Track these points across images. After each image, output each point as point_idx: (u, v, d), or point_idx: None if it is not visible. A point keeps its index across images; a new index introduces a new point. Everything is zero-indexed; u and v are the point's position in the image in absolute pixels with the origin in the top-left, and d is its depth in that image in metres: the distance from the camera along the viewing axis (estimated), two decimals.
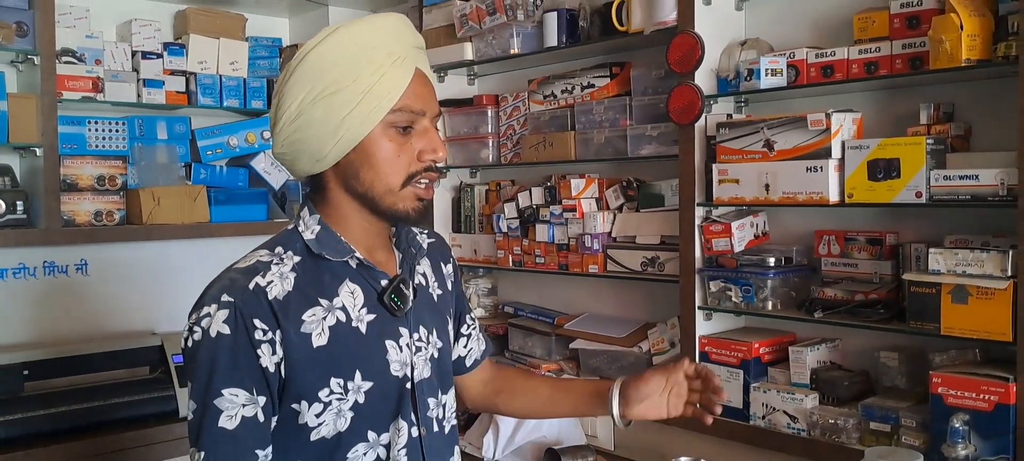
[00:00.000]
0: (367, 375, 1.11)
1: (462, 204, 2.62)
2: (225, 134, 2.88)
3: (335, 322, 1.10)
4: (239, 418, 1.05)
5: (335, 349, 1.09)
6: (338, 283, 1.12)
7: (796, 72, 1.80)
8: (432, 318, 1.22)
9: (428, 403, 1.17)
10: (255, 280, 1.08)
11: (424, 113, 1.11)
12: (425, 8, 2.52)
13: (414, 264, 1.21)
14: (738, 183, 1.84)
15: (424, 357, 1.18)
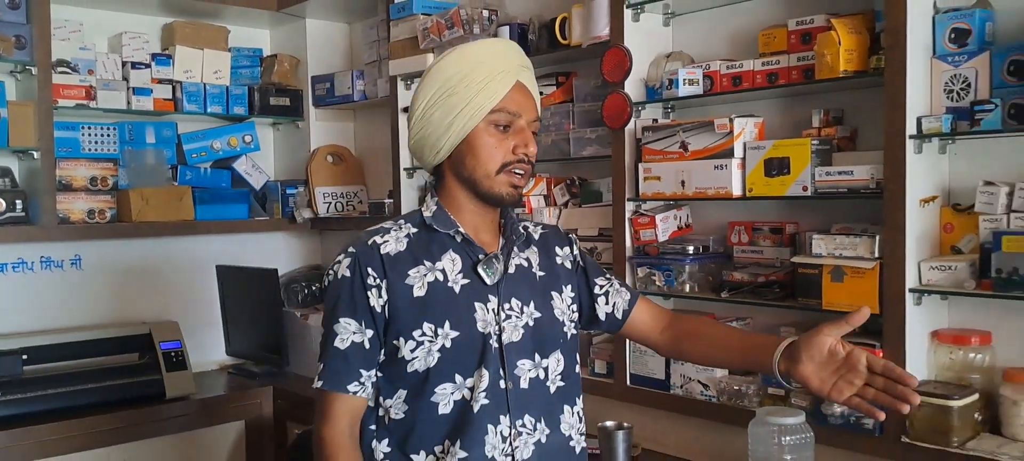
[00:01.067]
0: (454, 325, 1.36)
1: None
2: (209, 138, 3.16)
3: (434, 279, 1.37)
4: (349, 341, 1.35)
5: (430, 300, 1.36)
6: (443, 251, 1.39)
7: (711, 82, 2.08)
8: (530, 293, 1.44)
9: (516, 363, 1.39)
10: (374, 239, 1.38)
11: (520, 115, 1.37)
12: (392, 22, 2.80)
13: (514, 248, 1.44)
14: (660, 180, 2.11)
15: (514, 324, 1.40)
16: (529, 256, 1.48)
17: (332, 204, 3.25)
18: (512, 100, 1.37)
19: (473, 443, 1.35)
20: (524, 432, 1.39)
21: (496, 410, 1.37)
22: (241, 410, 2.93)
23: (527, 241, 1.49)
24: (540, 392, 1.42)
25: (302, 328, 3.09)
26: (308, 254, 3.49)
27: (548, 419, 1.42)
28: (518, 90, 1.38)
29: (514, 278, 1.43)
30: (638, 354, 2.21)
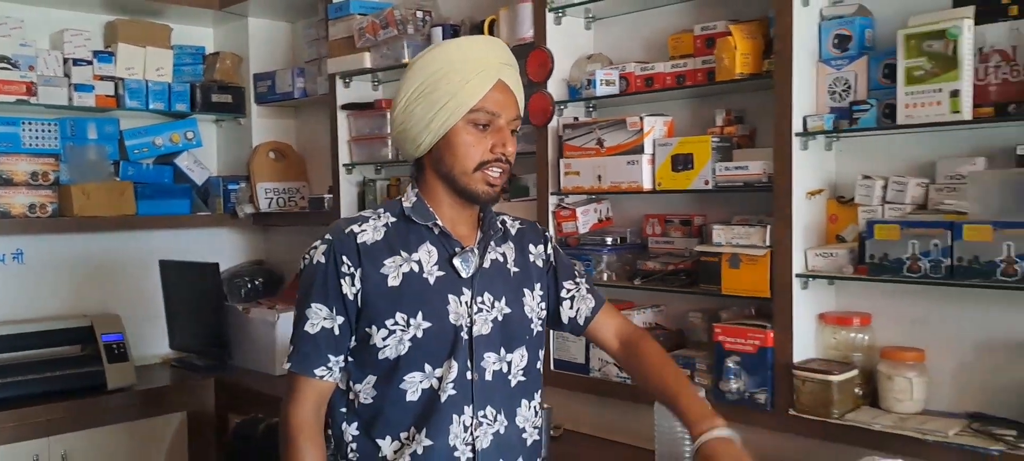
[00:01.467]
0: (427, 316, 1.40)
1: (366, 197, 3.02)
2: (151, 135, 3.24)
3: (409, 270, 1.41)
4: (319, 327, 1.41)
5: (405, 290, 1.41)
6: (420, 242, 1.43)
7: (626, 83, 2.23)
8: (503, 288, 1.48)
9: (484, 355, 1.44)
10: (351, 228, 1.43)
11: (499, 115, 1.40)
12: (330, 22, 2.91)
13: (490, 243, 1.48)
14: (579, 175, 2.26)
15: (485, 317, 1.44)
16: (505, 251, 1.53)
17: (274, 200, 3.35)
18: (492, 99, 1.40)
19: (438, 431, 1.41)
20: (485, 423, 1.44)
21: (461, 400, 1.42)
22: (182, 401, 3.03)
23: (504, 236, 1.54)
24: (501, 385, 1.47)
25: (245, 322, 3.19)
26: (250, 249, 3.59)
27: (506, 411, 1.47)
28: (499, 89, 1.41)
29: (489, 273, 1.47)
30: (561, 340, 2.36)
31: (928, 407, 1.82)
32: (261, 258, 3.59)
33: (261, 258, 3.59)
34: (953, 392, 1.82)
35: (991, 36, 1.66)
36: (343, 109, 2.98)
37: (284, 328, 3.08)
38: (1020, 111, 1.61)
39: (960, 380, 1.81)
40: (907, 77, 1.71)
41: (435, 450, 1.41)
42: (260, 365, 3.13)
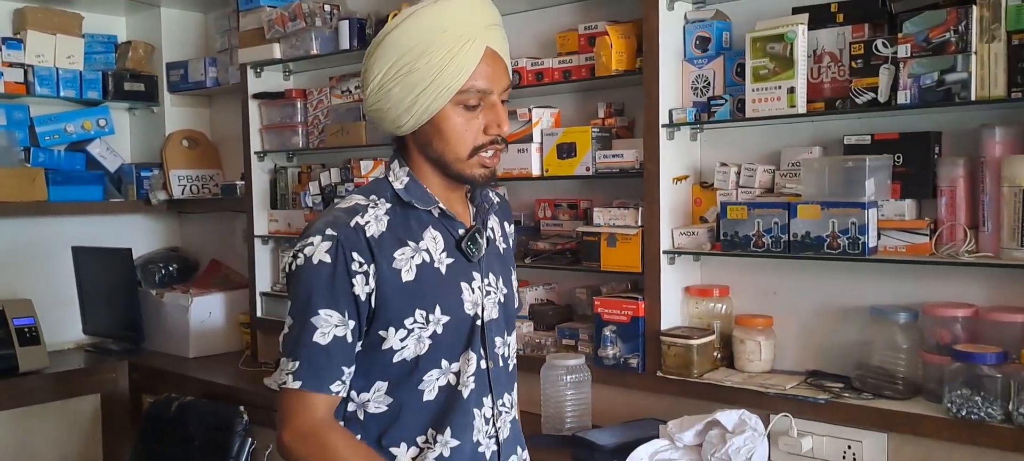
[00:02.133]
0: (445, 310, 1.30)
1: (277, 184, 3.18)
2: (62, 121, 3.33)
3: (421, 261, 1.30)
4: (331, 336, 1.24)
5: (420, 284, 1.28)
6: (423, 229, 1.32)
7: (519, 76, 2.45)
8: (500, 267, 1.41)
9: (495, 341, 1.37)
10: (355, 219, 1.27)
11: (491, 91, 1.28)
12: (241, 13, 3.06)
13: (486, 218, 1.41)
14: None
15: (492, 300, 1.37)
16: (493, 225, 1.45)
17: (187, 187, 3.48)
18: (481, 74, 1.27)
19: (463, 429, 1.32)
20: (503, 412, 1.39)
21: (481, 392, 1.35)
22: (96, 383, 3.14)
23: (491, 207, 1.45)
24: (506, 370, 1.41)
25: (159, 306, 3.32)
26: (164, 235, 3.70)
27: (513, 394, 1.44)
28: (488, 60, 1.28)
29: (488, 251, 1.39)
30: None
31: (775, 366, 2.10)
32: (175, 244, 3.70)
33: (175, 244, 3.70)
34: (796, 352, 2.10)
35: (823, 40, 1.94)
36: (255, 98, 3.13)
37: (197, 312, 3.23)
38: (846, 106, 1.89)
39: (801, 342, 2.09)
40: (753, 75, 1.98)
41: (462, 450, 1.32)
42: (174, 348, 3.27)
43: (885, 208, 1.87)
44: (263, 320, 3.17)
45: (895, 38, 1.80)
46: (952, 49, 1.72)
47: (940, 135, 1.86)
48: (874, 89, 1.83)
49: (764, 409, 1.95)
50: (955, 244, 1.80)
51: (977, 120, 1.79)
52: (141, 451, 2.86)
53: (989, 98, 1.70)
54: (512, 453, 1.42)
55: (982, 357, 1.71)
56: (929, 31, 1.75)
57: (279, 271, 3.21)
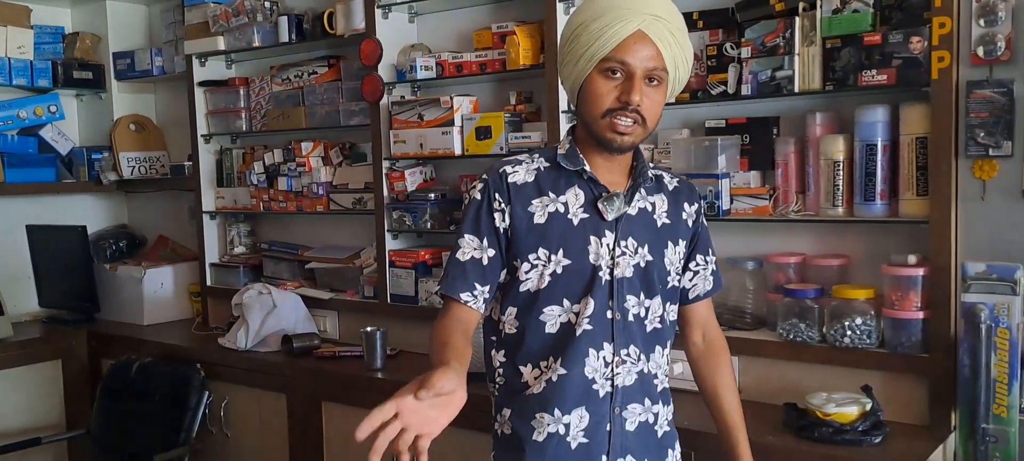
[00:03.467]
0: (567, 254, 1.55)
1: (223, 164, 3.57)
2: (15, 108, 3.66)
3: (554, 210, 1.57)
4: (469, 256, 1.56)
5: (548, 228, 1.56)
6: (569, 186, 1.58)
7: (442, 68, 2.91)
8: (646, 235, 1.60)
9: (626, 297, 1.58)
10: (504, 168, 1.60)
11: (631, 64, 1.47)
12: (186, 7, 3.43)
13: (638, 192, 1.61)
14: (405, 143, 2.93)
15: (628, 261, 1.57)
16: (656, 202, 1.65)
17: (136, 167, 3.84)
18: (625, 48, 1.47)
19: (573, 362, 1.56)
20: (628, 361, 1.59)
21: (600, 337, 1.56)
22: (57, 351, 3.50)
23: (657, 188, 1.66)
24: (640, 328, 1.60)
25: (112, 278, 3.68)
26: (115, 213, 4.05)
27: (647, 352, 1.61)
28: (636, 38, 1.47)
29: (634, 219, 1.60)
30: (395, 279, 3.02)
31: None
32: (124, 222, 4.06)
33: (124, 222, 4.06)
34: None
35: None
36: (200, 86, 3.51)
37: (150, 283, 3.61)
38: (704, 97, 2.40)
39: None
40: None
41: (569, 379, 1.56)
42: (129, 316, 3.64)
43: (735, 178, 2.39)
44: (213, 289, 3.57)
45: (740, 42, 2.32)
46: (781, 51, 2.25)
47: (778, 119, 2.39)
48: (725, 83, 2.34)
49: None
50: (788, 206, 2.33)
51: (804, 107, 2.32)
52: (104, 408, 3.25)
53: (809, 90, 2.23)
54: (634, 402, 1.61)
55: (805, 293, 2.26)
56: (765, 37, 2.27)
57: (226, 243, 3.61)
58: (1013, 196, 1.99)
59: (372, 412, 1.26)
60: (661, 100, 1.54)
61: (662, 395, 1.67)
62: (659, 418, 1.66)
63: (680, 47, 1.53)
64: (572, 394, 1.58)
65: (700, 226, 1.71)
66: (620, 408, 1.60)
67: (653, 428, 1.65)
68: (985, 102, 1.98)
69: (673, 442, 1.72)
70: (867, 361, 2.17)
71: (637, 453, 1.62)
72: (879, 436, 1.99)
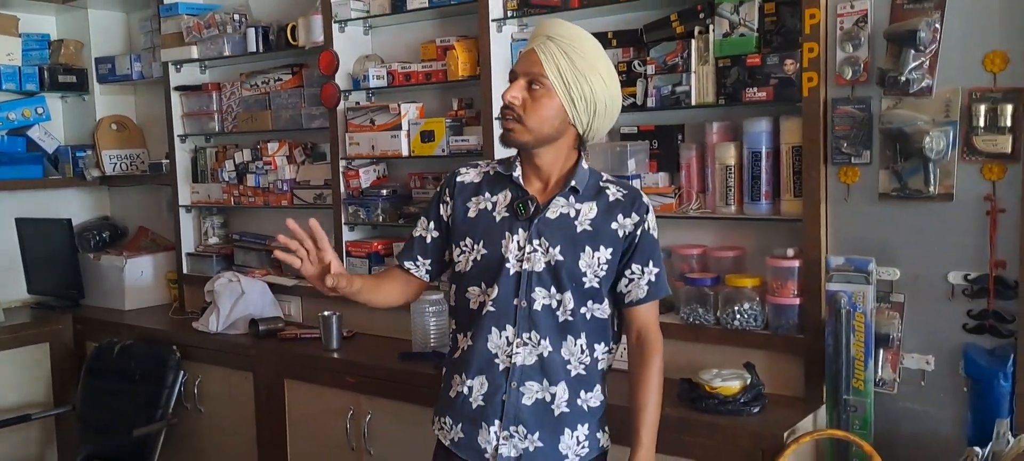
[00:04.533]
0: (485, 245, 1.82)
1: (198, 162, 3.80)
2: (4, 110, 3.87)
3: (484, 208, 1.86)
4: (418, 234, 1.95)
5: (476, 222, 1.85)
6: (502, 188, 1.86)
7: (392, 77, 3.14)
8: (560, 238, 1.79)
9: (534, 288, 1.79)
10: (459, 170, 1.94)
11: (515, 72, 1.78)
12: (162, 18, 3.65)
13: (564, 199, 1.81)
14: (359, 145, 3.17)
15: (540, 257, 1.78)
16: (582, 209, 1.82)
17: (117, 164, 4.06)
18: (520, 60, 1.79)
19: (479, 337, 1.82)
20: (529, 344, 1.79)
21: (503, 319, 1.80)
22: (45, 334, 3.73)
23: (592, 197, 1.83)
24: (549, 317, 1.80)
25: (95, 267, 3.91)
26: (98, 207, 4.28)
27: (553, 339, 1.80)
28: (529, 53, 1.77)
29: (552, 222, 1.80)
30: (351, 267, 3.27)
31: None
32: (107, 214, 4.28)
33: (107, 214, 4.28)
34: None
35: None
36: (176, 90, 3.73)
37: (131, 272, 3.84)
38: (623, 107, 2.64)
39: None
40: None
41: (475, 350, 1.82)
42: (112, 302, 3.88)
43: (645, 178, 2.64)
44: (189, 276, 3.80)
45: (646, 60, 2.56)
46: (680, 69, 2.49)
47: (682, 127, 2.64)
48: (635, 95, 2.59)
49: None
50: (690, 204, 2.59)
51: (703, 117, 2.57)
52: (89, 386, 3.49)
53: (704, 103, 2.48)
54: (531, 380, 1.80)
55: (702, 281, 2.51)
56: (666, 56, 2.52)
57: (201, 234, 3.85)
58: (871, 198, 2.25)
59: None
60: (544, 106, 1.75)
61: (572, 380, 1.81)
62: (557, 398, 1.80)
63: (569, 62, 1.74)
64: (476, 363, 1.83)
65: (638, 238, 1.82)
66: (517, 383, 1.80)
67: (549, 406, 1.81)
68: (847, 117, 2.24)
69: (575, 423, 1.83)
70: (754, 341, 2.43)
71: (530, 426, 1.80)
72: (758, 407, 2.26)
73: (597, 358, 1.85)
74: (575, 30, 1.79)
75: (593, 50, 1.79)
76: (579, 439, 1.85)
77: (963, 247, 2.13)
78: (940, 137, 2.08)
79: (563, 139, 1.83)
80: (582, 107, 1.78)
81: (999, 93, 2.04)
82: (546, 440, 1.82)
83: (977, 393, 2.09)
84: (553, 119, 1.78)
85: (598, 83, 1.78)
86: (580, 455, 1.85)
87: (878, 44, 2.19)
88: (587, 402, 1.85)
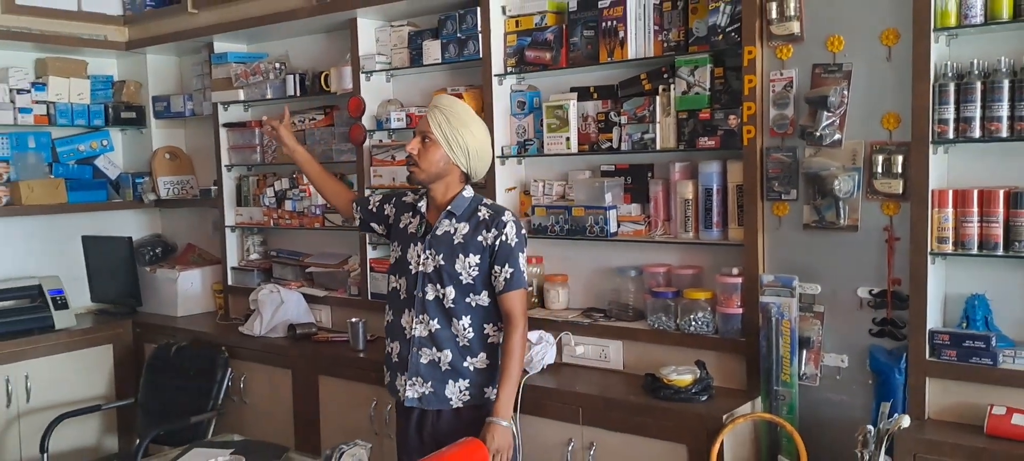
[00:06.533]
0: (400, 249, 2.64)
1: (241, 188, 4.32)
2: (75, 143, 4.41)
3: (406, 223, 2.67)
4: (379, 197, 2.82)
5: (400, 231, 2.66)
6: (417, 213, 2.65)
7: (409, 119, 3.65)
8: (442, 248, 2.53)
9: (425, 286, 2.55)
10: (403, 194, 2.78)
11: (414, 132, 2.63)
12: (213, 65, 4.17)
13: (446, 221, 2.55)
14: (382, 177, 3.67)
15: (430, 262, 2.54)
16: (458, 227, 2.55)
17: (171, 189, 4.58)
18: (418, 124, 2.62)
19: (394, 314, 2.64)
20: (423, 322, 2.56)
21: (407, 303, 2.58)
22: (109, 337, 4.25)
23: (466, 217, 2.56)
24: (437, 304, 2.55)
25: (151, 278, 4.43)
26: (153, 226, 4.81)
27: (441, 319, 2.54)
28: (422, 118, 2.58)
29: (438, 237, 2.56)
30: (374, 280, 3.76)
31: (569, 305, 3.35)
32: (160, 232, 4.81)
33: (160, 232, 4.81)
34: (582, 297, 3.36)
35: (587, 108, 3.18)
36: (224, 126, 4.26)
37: (183, 283, 4.35)
38: (598, 149, 3.14)
39: (585, 290, 3.35)
40: (548, 128, 3.21)
41: (393, 322, 2.65)
42: (165, 309, 4.39)
43: (621, 208, 3.13)
44: (233, 287, 4.32)
45: (620, 111, 3.06)
46: (647, 120, 2.99)
47: (652, 166, 3.13)
48: (611, 140, 3.09)
49: (559, 330, 3.21)
50: (657, 230, 3.07)
51: (668, 159, 3.06)
52: (150, 381, 4.00)
53: (667, 148, 2.97)
54: (424, 347, 2.57)
55: (665, 294, 3.00)
56: (636, 108, 3.02)
57: (243, 251, 4.36)
58: (797, 228, 2.73)
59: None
60: (432, 153, 2.54)
61: (459, 348, 2.55)
62: (442, 360, 2.57)
63: (449, 123, 2.53)
64: (392, 332, 2.68)
65: (498, 247, 2.52)
66: (417, 348, 2.59)
67: (438, 365, 2.58)
68: (778, 162, 2.73)
69: (458, 377, 2.57)
70: (706, 343, 2.91)
71: (425, 377, 2.59)
72: (706, 396, 2.73)
73: (486, 334, 2.59)
74: (453, 101, 2.63)
75: (465, 112, 2.58)
76: (461, 389, 2.59)
77: (868, 267, 2.61)
78: (847, 180, 2.57)
79: (450, 176, 2.59)
80: (459, 152, 2.55)
81: (893, 146, 2.53)
82: (436, 388, 2.58)
83: (879, 384, 2.57)
84: (439, 162, 2.55)
85: (469, 135, 2.54)
86: (463, 400, 2.59)
87: (801, 105, 2.68)
88: (473, 364, 2.59)
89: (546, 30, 3.19)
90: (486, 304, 2.56)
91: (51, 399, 3.97)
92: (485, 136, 2.60)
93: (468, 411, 2.60)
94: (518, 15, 3.28)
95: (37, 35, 4.16)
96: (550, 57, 3.18)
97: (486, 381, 2.60)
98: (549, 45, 3.18)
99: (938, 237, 2.42)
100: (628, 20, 2.98)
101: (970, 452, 2.28)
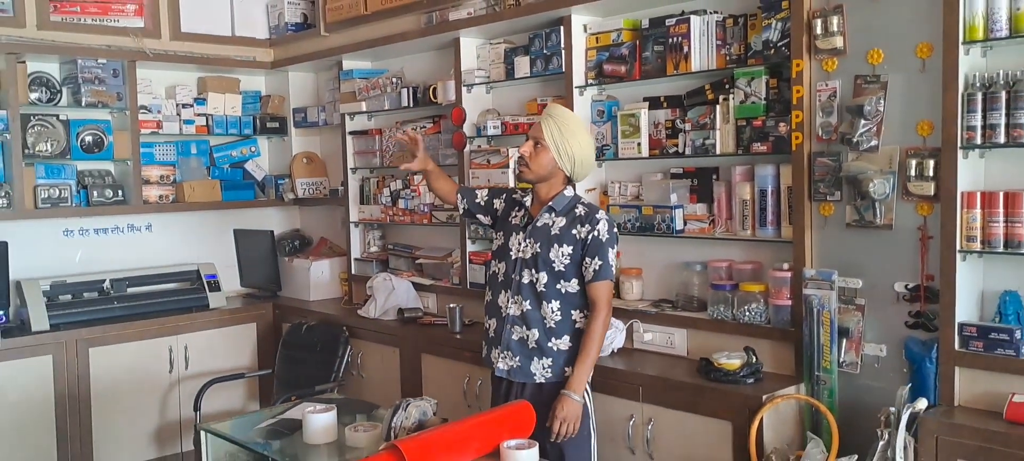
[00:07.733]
0: (503, 238, 2.93)
1: (364, 189, 4.88)
2: (229, 149, 5.12)
3: (513, 214, 2.95)
4: (484, 190, 3.12)
5: (504, 222, 2.96)
6: (523, 208, 2.94)
7: (504, 127, 4.07)
8: (540, 238, 2.79)
9: (522, 270, 2.81)
10: (517, 190, 3.11)
11: (528, 136, 2.84)
12: (341, 81, 4.76)
13: (545, 214, 2.82)
14: (478, 178, 4.11)
15: (529, 249, 2.80)
16: (556, 221, 2.81)
17: (307, 189, 5.23)
18: (532, 129, 2.85)
19: (494, 294, 2.92)
20: (516, 303, 2.83)
21: (505, 285, 2.86)
22: (253, 316, 4.91)
23: (565, 213, 2.81)
24: (530, 287, 2.81)
25: (289, 267, 5.08)
26: (293, 221, 5.48)
27: (532, 302, 2.80)
28: (536, 125, 2.82)
29: (538, 229, 2.82)
30: (472, 271, 4.20)
31: (643, 297, 3.66)
32: (298, 227, 5.48)
33: (298, 227, 5.48)
34: (655, 289, 3.66)
35: (658, 116, 3.49)
36: (350, 134, 4.84)
37: (315, 271, 4.97)
38: (666, 154, 3.44)
39: (657, 282, 3.65)
40: (622, 134, 3.55)
41: (492, 302, 2.93)
42: (300, 294, 5.03)
43: (687, 208, 3.42)
44: (355, 276, 4.89)
45: (685, 119, 3.35)
46: (709, 127, 3.27)
47: (717, 169, 3.39)
48: (677, 145, 3.38)
49: (630, 318, 3.53)
50: (720, 228, 3.34)
51: (730, 163, 3.32)
52: (284, 355, 4.62)
53: (727, 153, 3.23)
54: (516, 325, 2.85)
55: (724, 287, 3.26)
56: (699, 117, 3.30)
57: (365, 244, 4.93)
58: (841, 227, 2.94)
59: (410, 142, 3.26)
60: (542, 157, 2.80)
61: (546, 329, 2.80)
62: (530, 338, 2.84)
63: (560, 132, 2.79)
64: (490, 310, 2.97)
65: (590, 240, 2.77)
66: (510, 325, 2.87)
67: (526, 342, 2.85)
68: (824, 166, 2.94)
69: (541, 355, 2.83)
70: (760, 332, 3.16)
71: (515, 351, 2.87)
72: (752, 379, 2.99)
73: (573, 319, 2.82)
74: (566, 112, 2.87)
75: (575, 123, 2.84)
76: (545, 366, 2.84)
77: (904, 264, 2.79)
78: (883, 183, 2.76)
79: (555, 178, 2.85)
80: (566, 159, 2.81)
81: (926, 151, 2.70)
82: (523, 363, 2.86)
83: (913, 373, 2.75)
84: (547, 165, 2.82)
85: (576, 144, 2.81)
86: (545, 376, 2.84)
87: (844, 113, 2.89)
88: (557, 345, 2.83)
89: (622, 45, 3.52)
90: (575, 291, 2.81)
91: (204, 367, 4.65)
92: (590, 146, 2.87)
93: (550, 387, 2.83)
94: (598, 32, 3.63)
95: (199, 58, 4.89)
96: (625, 70, 3.51)
97: (568, 362, 2.82)
98: (624, 59, 3.51)
99: (967, 236, 2.58)
100: (692, 36, 3.27)
101: (987, 435, 2.44)
